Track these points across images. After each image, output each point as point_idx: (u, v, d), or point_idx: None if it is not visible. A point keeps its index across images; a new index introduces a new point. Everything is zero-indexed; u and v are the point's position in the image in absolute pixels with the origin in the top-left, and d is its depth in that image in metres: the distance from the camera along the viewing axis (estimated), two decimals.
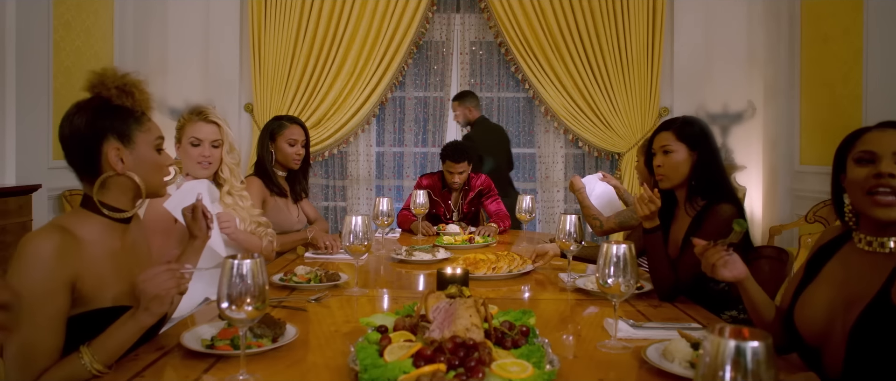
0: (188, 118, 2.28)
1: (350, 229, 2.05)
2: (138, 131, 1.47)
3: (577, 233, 2.22)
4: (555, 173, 5.20)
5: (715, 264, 1.64)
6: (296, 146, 2.91)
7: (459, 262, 2.38)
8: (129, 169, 1.45)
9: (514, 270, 2.33)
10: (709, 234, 2.03)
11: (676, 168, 2.15)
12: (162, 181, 1.54)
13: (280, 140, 2.90)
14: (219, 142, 2.29)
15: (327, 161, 5.25)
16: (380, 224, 2.79)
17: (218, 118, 2.30)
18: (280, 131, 2.90)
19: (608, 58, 4.99)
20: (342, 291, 2.11)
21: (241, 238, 2.33)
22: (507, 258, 2.37)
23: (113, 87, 1.43)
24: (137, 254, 1.56)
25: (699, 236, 2.10)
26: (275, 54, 5.05)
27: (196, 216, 1.79)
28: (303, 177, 3.03)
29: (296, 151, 2.90)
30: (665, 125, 2.21)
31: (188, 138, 2.26)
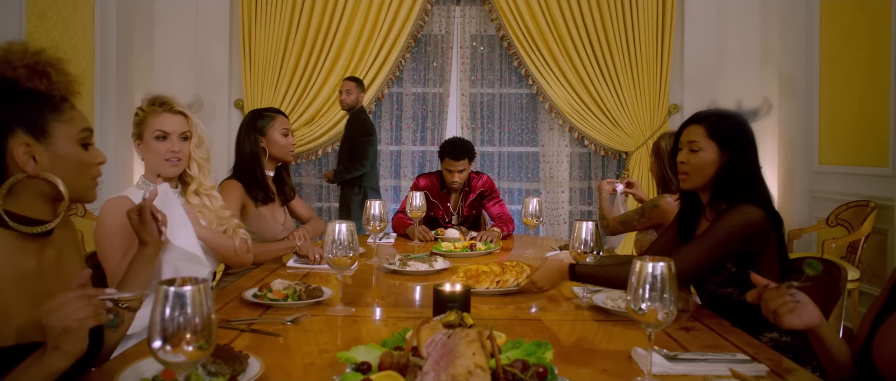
0: (150, 110, 1.96)
1: (333, 237, 1.74)
2: (56, 122, 1.16)
3: (594, 242, 1.91)
4: (559, 173, 4.90)
5: (777, 311, 1.34)
6: (290, 136, 2.61)
7: (459, 275, 2.07)
8: (44, 170, 1.14)
9: (522, 283, 2.02)
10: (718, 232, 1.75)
11: (701, 169, 1.85)
12: (90, 183, 1.24)
13: (272, 132, 2.59)
14: (188, 134, 1.99)
15: (321, 160, 4.94)
16: (371, 230, 2.48)
17: (184, 108, 1.99)
18: (270, 124, 2.59)
19: (615, 52, 4.69)
20: (324, 309, 1.80)
21: (208, 237, 2.03)
22: (513, 270, 2.06)
23: (21, 66, 1.13)
24: (63, 275, 1.25)
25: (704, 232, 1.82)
26: (266, 48, 4.75)
27: (144, 219, 1.48)
28: (286, 174, 2.72)
29: (291, 142, 2.61)
30: (697, 118, 1.90)
31: (152, 132, 1.95)
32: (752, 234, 1.75)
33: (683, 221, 2.03)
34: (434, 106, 4.90)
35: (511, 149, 4.95)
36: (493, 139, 4.92)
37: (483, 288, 1.98)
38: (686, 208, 2.02)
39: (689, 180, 1.89)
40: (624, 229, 2.77)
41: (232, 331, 1.58)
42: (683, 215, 2.03)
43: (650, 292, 1.24)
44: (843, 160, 4.18)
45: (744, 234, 1.75)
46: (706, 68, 4.77)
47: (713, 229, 1.78)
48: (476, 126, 4.91)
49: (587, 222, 1.92)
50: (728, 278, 1.83)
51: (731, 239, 1.76)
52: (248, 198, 2.51)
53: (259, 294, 1.86)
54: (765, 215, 1.75)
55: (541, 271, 1.93)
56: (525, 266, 2.11)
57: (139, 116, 1.97)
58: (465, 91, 4.89)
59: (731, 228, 1.75)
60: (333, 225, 1.75)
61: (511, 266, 2.07)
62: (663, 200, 2.58)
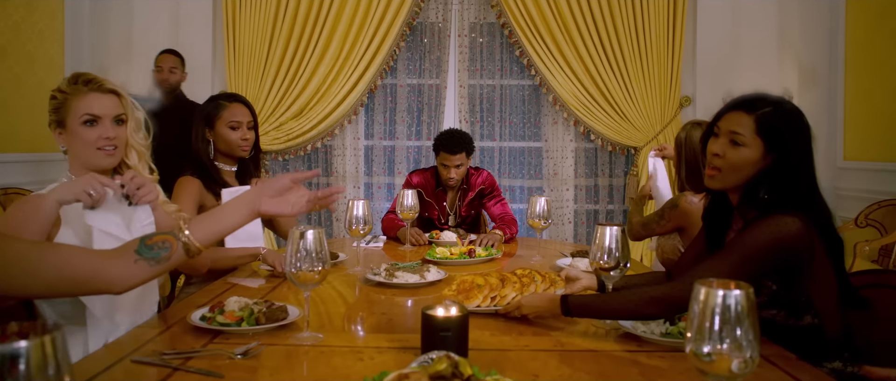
0: (73, 90, 1.58)
1: (296, 246, 1.37)
2: None
3: (621, 252, 1.53)
4: (564, 170, 4.51)
5: None
6: (240, 130, 2.23)
7: (451, 288, 1.70)
8: None
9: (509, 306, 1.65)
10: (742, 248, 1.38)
11: (738, 169, 1.47)
12: None
13: (219, 125, 2.22)
14: (123, 117, 1.61)
15: (310, 156, 4.56)
16: (354, 234, 2.10)
17: (116, 86, 1.62)
18: (217, 114, 2.22)
19: (624, 40, 4.30)
20: (288, 335, 1.43)
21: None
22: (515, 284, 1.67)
23: None
24: None
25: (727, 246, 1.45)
26: (251, 37, 4.37)
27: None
28: (254, 168, 2.34)
29: (241, 136, 2.23)
30: (745, 104, 1.52)
31: (78, 117, 1.57)
32: (786, 249, 1.38)
33: (710, 225, 1.65)
34: (430, 98, 4.52)
35: (512, 144, 4.57)
36: (494, 134, 4.54)
37: (474, 305, 1.60)
38: (713, 209, 1.65)
39: (718, 178, 1.51)
40: (646, 233, 2.40)
41: (163, 369, 1.21)
42: (710, 218, 1.66)
43: (721, 332, 0.87)
44: (871, 156, 3.80)
45: (774, 250, 1.38)
46: (720, 58, 4.39)
47: (737, 243, 1.41)
48: (475, 120, 4.53)
49: (612, 227, 1.54)
50: (770, 299, 1.46)
51: (759, 256, 1.39)
52: (209, 195, 2.14)
53: (208, 316, 1.48)
54: (802, 225, 1.38)
55: (530, 297, 1.60)
56: (538, 275, 1.73)
57: (58, 100, 1.59)
58: (464, 82, 4.50)
59: (756, 243, 1.38)
60: (296, 231, 1.37)
61: (513, 278, 1.69)
62: (684, 199, 2.21)
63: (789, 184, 1.44)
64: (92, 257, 1.25)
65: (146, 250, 1.25)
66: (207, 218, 1.34)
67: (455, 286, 1.70)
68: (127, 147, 1.63)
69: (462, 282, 1.71)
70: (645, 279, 1.79)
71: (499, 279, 1.68)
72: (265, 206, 1.35)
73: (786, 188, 1.44)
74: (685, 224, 2.19)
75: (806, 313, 1.44)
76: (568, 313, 1.48)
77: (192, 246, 1.28)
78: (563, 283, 1.73)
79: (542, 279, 1.72)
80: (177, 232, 1.28)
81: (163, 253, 1.26)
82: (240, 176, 2.30)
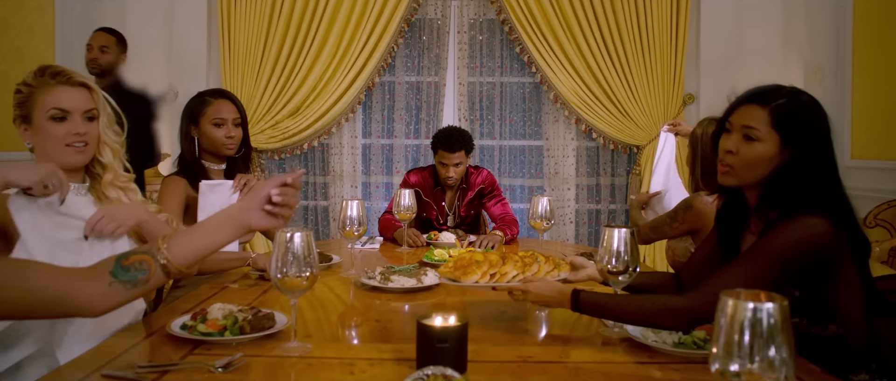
0: (39, 84, 1.48)
1: (283, 251, 1.27)
2: None
3: (631, 256, 1.43)
4: (565, 169, 4.41)
5: None
6: (225, 127, 2.13)
7: (448, 266, 1.58)
8: None
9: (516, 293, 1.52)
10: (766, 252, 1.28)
11: (753, 165, 1.38)
12: None
13: (203, 122, 2.12)
14: (93, 113, 1.51)
15: (307, 154, 4.46)
16: (347, 235, 2.00)
17: (86, 79, 1.52)
18: (201, 110, 2.12)
19: (626, 37, 4.20)
20: (274, 346, 1.33)
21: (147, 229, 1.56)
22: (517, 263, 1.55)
23: None
24: None
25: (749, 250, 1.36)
26: (246, 33, 4.26)
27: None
28: (244, 167, 2.24)
29: (226, 134, 2.12)
30: (757, 96, 1.42)
31: (45, 112, 1.47)
32: (814, 252, 1.28)
33: (724, 227, 1.55)
34: (429, 96, 4.41)
35: (512, 142, 4.47)
36: (494, 132, 4.44)
37: (471, 281, 1.49)
38: (728, 210, 1.55)
39: (732, 175, 1.41)
40: (656, 237, 2.29)
41: None
42: (724, 219, 1.55)
43: (751, 349, 0.77)
44: (880, 154, 3.70)
45: (801, 254, 1.28)
46: (724, 55, 4.28)
47: (761, 247, 1.31)
48: (475, 118, 4.42)
49: (620, 230, 1.44)
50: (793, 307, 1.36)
51: (785, 261, 1.29)
52: (196, 195, 2.04)
53: (189, 325, 1.38)
54: (830, 227, 1.28)
55: (539, 283, 1.47)
56: (541, 257, 1.59)
57: (23, 94, 1.49)
58: (463, 80, 4.40)
59: (782, 247, 1.28)
60: (283, 234, 1.27)
61: (514, 258, 1.57)
62: (698, 199, 2.10)
63: (811, 181, 1.34)
64: (62, 276, 1.14)
65: (122, 271, 1.15)
66: (189, 235, 1.22)
67: (452, 263, 1.59)
68: (100, 144, 1.53)
69: (460, 259, 1.60)
70: (653, 278, 1.68)
71: (500, 257, 1.57)
72: (255, 219, 1.22)
73: (807, 186, 1.34)
74: (699, 227, 2.08)
75: (831, 321, 1.34)
76: (577, 309, 1.39)
77: (172, 268, 1.17)
78: (567, 267, 1.62)
79: (545, 261, 1.58)
80: (155, 252, 1.17)
81: (140, 275, 1.16)
82: (229, 177, 2.20)
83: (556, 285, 1.45)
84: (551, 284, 1.47)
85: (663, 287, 1.63)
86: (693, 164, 2.20)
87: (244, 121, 2.19)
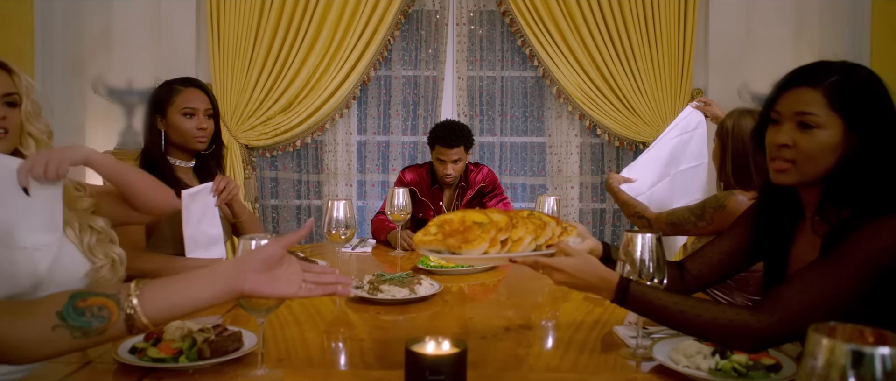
0: None
1: None
2: None
3: (657, 266, 1.22)
4: (568, 167, 4.19)
5: None
6: (196, 117, 1.91)
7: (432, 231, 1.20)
8: None
9: (545, 245, 1.21)
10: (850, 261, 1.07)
11: (816, 157, 1.16)
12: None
13: (172, 112, 1.90)
14: (15, 99, 1.30)
15: (299, 152, 4.24)
16: (333, 239, 1.78)
17: (7, 61, 1.31)
18: (170, 99, 1.91)
19: (632, 29, 3.98)
20: (237, 373, 1.11)
21: None
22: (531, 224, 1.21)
23: None
24: None
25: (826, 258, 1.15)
26: (237, 25, 4.04)
27: None
28: (216, 164, 2.02)
29: (196, 125, 1.91)
30: (804, 77, 1.20)
31: None
32: None
33: (764, 232, 1.33)
34: (427, 91, 4.19)
35: (514, 139, 4.25)
36: (494, 128, 4.22)
37: (479, 252, 1.13)
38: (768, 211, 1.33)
39: (792, 172, 1.20)
40: (673, 232, 2.06)
41: None
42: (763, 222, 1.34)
43: None
44: None
45: (891, 263, 1.07)
46: (733, 48, 4.07)
47: (844, 253, 1.08)
48: (474, 113, 4.20)
49: (644, 235, 1.22)
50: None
51: (874, 271, 1.07)
52: None
53: (140, 347, 1.17)
54: None
55: (576, 261, 1.18)
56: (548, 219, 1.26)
57: None
58: (462, 74, 4.18)
59: (872, 254, 1.07)
60: (246, 242, 1.06)
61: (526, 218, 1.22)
62: (732, 198, 1.87)
63: (887, 171, 1.12)
64: None
65: (74, 314, 0.92)
66: (169, 286, 0.99)
67: (436, 229, 1.17)
68: (23, 134, 1.31)
69: (448, 221, 1.18)
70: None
71: (505, 216, 1.20)
72: (250, 283, 0.99)
73: (884, 177, 1.12)
74: None
75: None
76: (621, 302, 1.16)
77: (139, 321, 0.94)
78: (574, 230, 1.30)
79: (555, 224, 1.26)
80: (122, 298, 0.94)
81: (95, 323, 0.93)
82: (199, 175, 1.98)
83: (598, 268, 1.18)
84: (591, 264, 1.19)
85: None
86: (722, 160, 1.98)
87: (216, 113, 1.98)
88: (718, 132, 2.00)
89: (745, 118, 1.93)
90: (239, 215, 2.01)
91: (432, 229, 1.16)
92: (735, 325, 1.11)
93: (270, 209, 4.28)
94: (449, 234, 1.11)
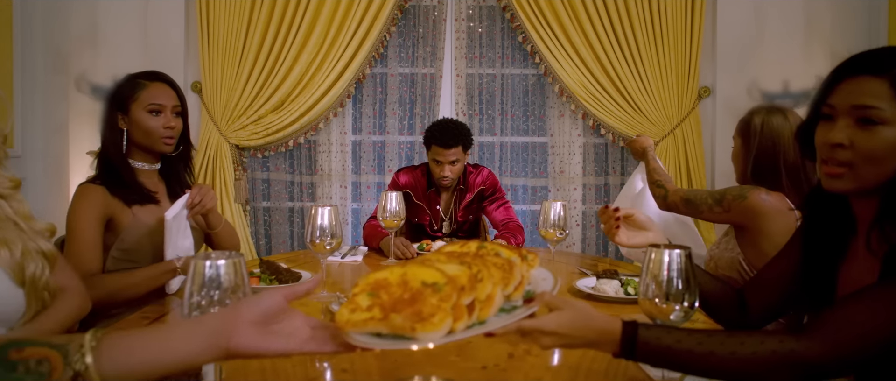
0: None
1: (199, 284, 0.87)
2: None
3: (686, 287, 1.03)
4: (571, 168, 4.00)
5: None
6: (163, 115, 1.72)
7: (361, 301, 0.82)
8: None
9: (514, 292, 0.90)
10: None
11: (879, 159, 0.97)
12: None
13: (135, 109, 1.71)
14: None
15: (292, 152, 4.05)
16: (318, 249, 1.59)
17: None
18: (133, 94, 1.71)
19: (637, 25, 3.80)
20: None
21: None
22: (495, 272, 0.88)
23: None
24: None
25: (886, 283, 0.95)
26: (227, 20, 3.85)
27: None
28: (183, 167, 1.83)
29: (163, 124, 1.71)
30: (865, 64, 1.02)
31: None
32: None
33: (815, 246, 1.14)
34: (424, 89, 4.00)
35: (514, 139, 4.06)
36: (494, 128, 4.03)
37: (439, 334, 0.75)
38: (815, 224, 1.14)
39: (848, 178, 1.01)
40: (686, 210, 1.86)
41: None
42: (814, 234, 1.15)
43: None
44: None
45: None
46: (743, 45, 3.88)
47: None
48: (473, 112, 4.01)
49: (672, 250, 1.03)
50: None
51: None
52: (119, 205, 1.62)
53: None
54: None
55: (564, 319, 0.93)
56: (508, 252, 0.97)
57: None
58: (461, 71, 3.99)
59: None
60: (198, 263, 0.87)
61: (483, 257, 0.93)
62: (755, 192, 1.68)
63: None
64: None
65: (3, 367, 0.70)
66: (137, 339, 0.76)
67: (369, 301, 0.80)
68: None
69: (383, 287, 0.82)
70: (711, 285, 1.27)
71: (462, 266, 0.84)
72: (241, 338, 0.77)
73: None
74: (749, 224, 1.68)
75: None
76: (631, 355, 0.92)
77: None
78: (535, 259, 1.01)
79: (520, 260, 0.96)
80: (72, 351, 0.72)
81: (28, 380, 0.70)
82: (166, 179, 1.79)
83: (594, 319, 0.94)
84: (584, 315, 0.94)
85: (724, 302, 1.25)
86: (744, 159, 1.79)
87: (184, 111, 1.78)
88: (741, 129, 1.81)
89: (774, 115, 1.74)
90: (214, 226, 1.82)
91: (362, 300, 0.80)
92: (779, 356, 0.92)
93: (262, 212, 4.09)
94: (391, 307, 0.77)
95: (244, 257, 0.91)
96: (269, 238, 4.08)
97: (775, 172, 1.70)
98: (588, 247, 4.00)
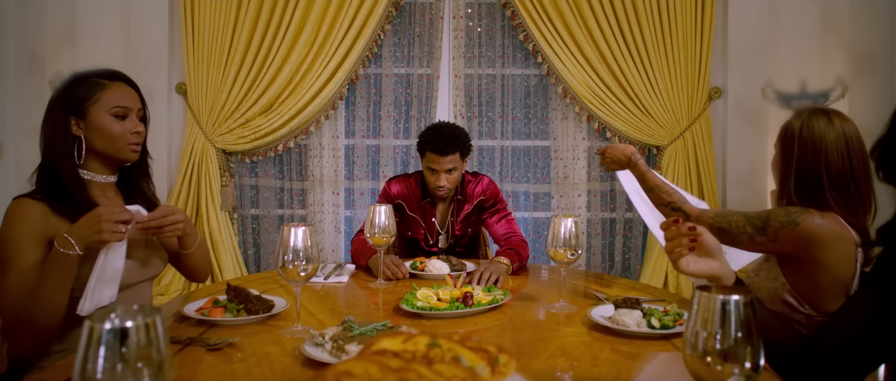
0: None
1: (110, 349, 0.62)
2: None
3: (747, 340, 0.79)
4: (575, 172, 3.76)
5: None
6: (128, 120, 1.47)
7: None
8: None
9: None
10: None
11: None
12: None
13: (95, 113, 1.45)
14: None
15: (281, 157, 3.81)
16: (290, 276, 1.34)
17: None
18: (92, 96, 1.45)
19: (645, 23, 3.56)
20: None
21: None
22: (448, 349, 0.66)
23: None
24: None
25: None
26: (213, 18, 3.62)
27: None
28: (142, 177, 1.58)
29: (130, 129, 1.47)
30: None
31: None
32: None
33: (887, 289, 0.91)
34: (421, 90, 3.76)
35: (516, 143, 3.82)
36: (494, 131, 3.79)
37: None
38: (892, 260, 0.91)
39: None
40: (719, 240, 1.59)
41: None
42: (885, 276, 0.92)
43: None
44: None
45: None
46: (755, 44, 3.64)
47: None
48: (472, 115, 3.77)
49: (732, 296, 0.79)
50: None
51: None
52: (64, 224, 1.37)
53: None
54: None
55: None
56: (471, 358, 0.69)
57: None
58: (460, 72, 3.75)
59: None
60: (95, 328, 0.62)
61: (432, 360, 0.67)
62: (809, 218, 1.42)
63: None
64: None
65: None
66: None
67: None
68: None
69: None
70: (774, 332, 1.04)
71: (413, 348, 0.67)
72: None
73: None
74: (800, 255, 1.42)
75: None
76: None
77: None
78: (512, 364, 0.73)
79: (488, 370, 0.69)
80: None
81: None
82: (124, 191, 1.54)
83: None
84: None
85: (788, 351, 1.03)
86: (784, 170, 1.54)
87: (146, 117, 1.54)
88: (782, 137, 1.55)
89: (818, 119, 1.49)
90: (187, 247, 1.58)
91: None
92: None
93: (250, 219, 3.85)
94: None
95: (161, 313, 0.66)
96: (258, 248, 3.83)
97: (818, 183, 1.45)
98: (593, 256, 3.75)
